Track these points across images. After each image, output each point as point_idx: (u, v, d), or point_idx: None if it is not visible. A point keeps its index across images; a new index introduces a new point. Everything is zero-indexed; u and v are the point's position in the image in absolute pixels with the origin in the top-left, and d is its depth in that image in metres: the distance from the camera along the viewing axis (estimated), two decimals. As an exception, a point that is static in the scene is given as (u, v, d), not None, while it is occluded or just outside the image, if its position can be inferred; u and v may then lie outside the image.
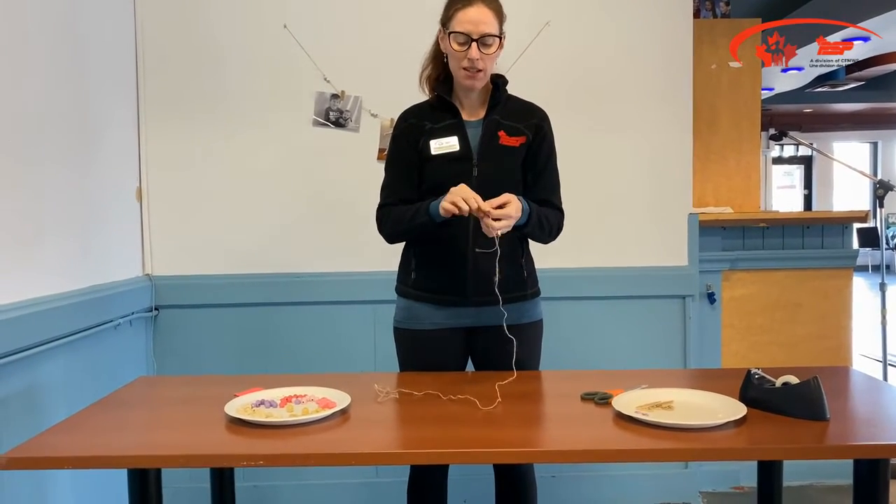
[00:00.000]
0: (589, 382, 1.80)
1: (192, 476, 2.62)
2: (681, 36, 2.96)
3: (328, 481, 2.91)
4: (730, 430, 1.46)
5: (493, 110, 1.99)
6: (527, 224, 1.89)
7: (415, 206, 1.94)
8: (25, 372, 2.07)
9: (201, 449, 1.43)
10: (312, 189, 2.91)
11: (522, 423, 1.58)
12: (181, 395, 1.84)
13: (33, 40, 2.16)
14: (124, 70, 2.79)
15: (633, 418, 1.50)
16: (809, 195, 13.78)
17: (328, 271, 2.91)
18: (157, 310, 2.88)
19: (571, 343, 2.91)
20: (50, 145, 2.23)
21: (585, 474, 2.99)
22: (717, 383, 1.72)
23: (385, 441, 1.54)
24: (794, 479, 3.05)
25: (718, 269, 3.16)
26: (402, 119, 2.06)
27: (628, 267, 2.98)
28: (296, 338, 2.92)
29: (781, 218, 3.28)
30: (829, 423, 1.48)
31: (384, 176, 2.06)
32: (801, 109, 11.73)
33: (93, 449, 1.43)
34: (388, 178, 2.06)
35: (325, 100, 2.89)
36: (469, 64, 1.90)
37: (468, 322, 2.01)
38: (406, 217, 1.95)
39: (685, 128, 2.98)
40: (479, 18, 1.87)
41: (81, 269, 2.40)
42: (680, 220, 3.00)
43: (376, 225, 2.05)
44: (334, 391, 1.69)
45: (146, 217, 2.88)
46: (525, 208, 1.86)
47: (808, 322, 3.19)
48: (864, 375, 1.95)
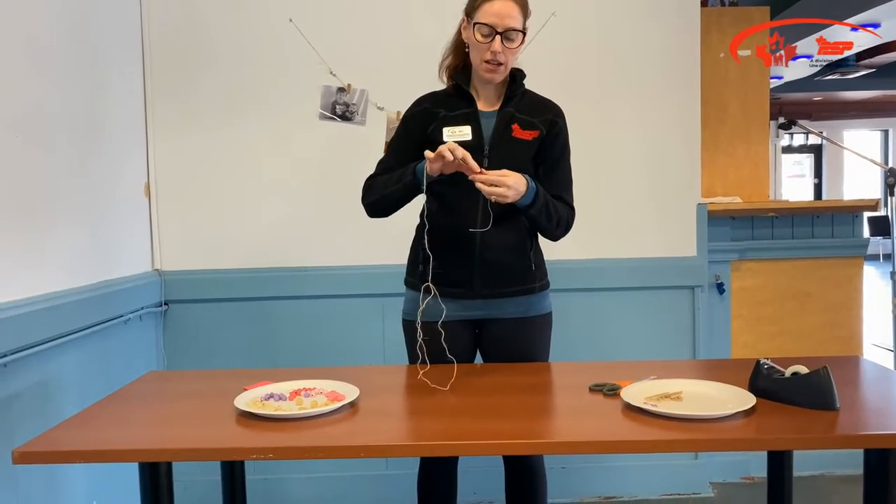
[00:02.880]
0: (597, 374, 1.79)
1: (204, 469, 2.64)
2: (688, 25, 2.94)
3: (338, 474, 2.92)
4: (739, 421, 1.45)
5: (509, 103, 1.99)
6: (533, 204, 1.87)
7: (400, 170, 1.93)
8: (36, 368, 2.08)
9: (211, 442, 1.44)
10: (320, 183, 2.91)
11: (531, 415, 1.58)
12: (191, 389, 1.85)
13: (44, 41, 2.17)
14: (131, 67, 2.79)
15: (642, 409, 1.50)
16: (820, 184, 13.69)
17: (336, 265, 2.92)
18: (167, 305, 2.89)
19: (580, 335, 2.91)
20: (59, 143, 2.24)
21: (595, 465, 2.99)
22: (726, 374, 1.72)
23: (394, 433, 1.54)
24: (804, 469, 3.04)
25: (727, 260, 3.14)
26: (416, 103, 2.05)
27: (637, 258, 2.97)
28: (304, 331, 2.93)
29: (791, 207, 3.26)
30: (839, 412, 1.48)
31: (384, 153, 2.06)
32: (810, 98, 11.64)
33: (104, 443, 1.44)
34: (387, 154, 2.06)
35: (332, 93, 2.88)
36: (491, 57, 1.89)
37: (476, 314, 2.01)
38: (392, 179, 1.94)
39: (693, 117, 2.97)
40: (505, 12, 1.86)
41: (91, 264, 2.41)
42: (688, 211, 2.99)
43: (361, 196, 2.03)
44: (343, 384, 1.70)
45: (154, 213, 2.89)
46: (532, 187, 1.85)
47: (818, 312, 3.18)
48: (875, 365, 1.93)
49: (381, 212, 2.03)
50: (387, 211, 2.02)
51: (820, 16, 5.07)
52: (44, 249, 2.14)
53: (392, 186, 1.94)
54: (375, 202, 2.00)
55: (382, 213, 2.03)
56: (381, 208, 2.01)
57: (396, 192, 1.94)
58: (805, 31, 3.79)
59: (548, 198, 1.91)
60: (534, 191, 1.86)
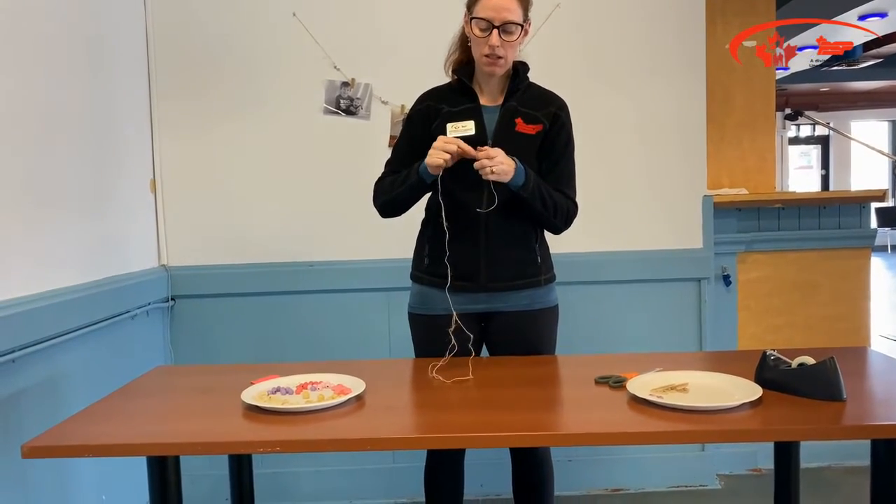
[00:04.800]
0: (603, 366, 1.80)
1: (212, 463, 2.65)
2: (693, 15, 2.93)
3: (346, 467, 2.93)
4: (745, 412, 1.45)
5: (512, 97, 1.99)
6: (525, 186, 1.87)
7: (405, 171, 1.96)
8: (45, 363, 2.09)
9: (219, 436, 1.45)
10: (325, 177, 2.91)
11: (537, 407, 1.59)
12: (198, 383, 1.85)
13: (51, 39, 2.18)
14: (136, 63, 2.80)
15: (648, 401, 1.50)
16: (827, 175, 13.64)
17: (342, 259, 2.92)
18: (174, 300, 2.90)
19: (586, 327, 2.91)
20: (66, 140, 2.25)
21: (602, 458, 2.99)
22: (732, 365, 1.71)
23: (400, 426, 1.55)
24: (811, 460, 3.04)
25: (734, 251, 3.13)
26: (419, 101, 2.06)
27: (643, 250, 2.96)
28: (311, 325, 2.93)
29: (797, 198, 3.24)
30: (845, 403, 1.47)
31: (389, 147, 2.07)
32: (817, 88, 11.58)
33: (112, 437, 1.45)
34: (393, 154, 2.07)
35: (336, 88, 2.88)
36: (490, 51, 1.89)
37: (482, 308, 2.02)
38: (398, 181, 1.97)
39: (699, 109, 2.96)
40: (502, 5, 1.86)
41: (98, 261, 2.42)
42: (694, 203, 2.98)
43: (372, 198, 2.05)
44: (349, 377, 1.70)
45: (160, 208, 2.90)
46: (519, 167, 1.85)
47: (825, 303, 3.16)
48: (882, 356, 1.93)
49: (392, 212, 2.05)
50: (398, 212, 2.05)
51: (824, 4, 5.03)
52: (51, 246, 2.15)
53: (398, 188, 1.96)
54: (385, 204, 2.03)
55: (394, 214, 2.06)
56: (392, 209, 2.04)
57: (403, 192, 1.96)
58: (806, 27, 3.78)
59: (540, 182, 1.92)
60: (522, 170, 1.87)
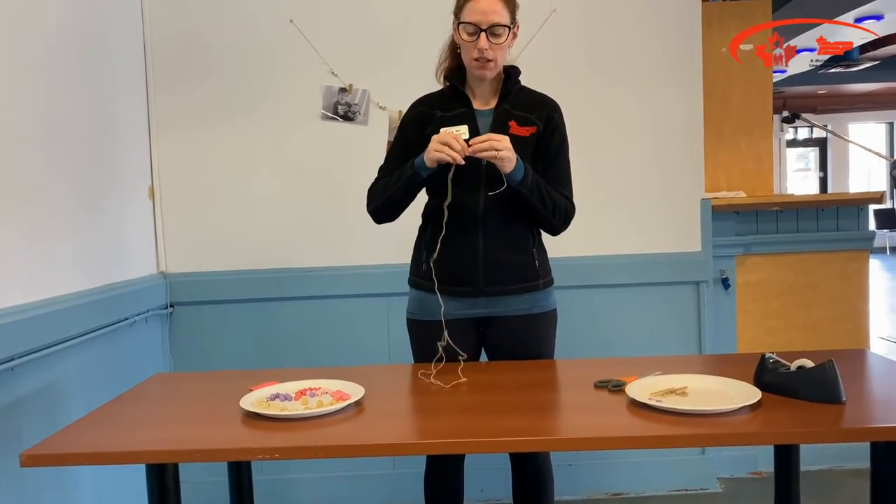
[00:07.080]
0: (602, 370, 1.79)
1: (211, 470, 2.64)
2: (690, 19, 2.93)
3: (345, 474, 2.93)
4: (744, 415, 1.45)
5: (505, 100, 1.99)
6: (524, 181, 1.87)
7: (399, 170, 1.96)
8: (43, 371, 2.09)
9: (217, 443, 1.45)
10: (323, 183, 2.91)
11: (537, 412, 1.58)
12: (197, 390, 1.85)
13: (47, 44, 2.18)
14: (134, 70, 2.80)
15: (648, 405, 1.50)
16: (825, 178, 13.65)
17: (341, 265, 2.92)
18: (172, 307, 2.90)
19: (585, 331, 2.91)
20: (63, 147, 2.25)
21: (602, 462, 2.99)
22: (732, 368, 1.71)
23: (400, 432, 1.54)
24: (811, 463, 3.04)
25: (732, 254, 3.14)
26: (412, 107, 2.06)
27: (641, 254, 2.96)
28: (309, 332, 2.93)
29: (795, 201, 3.25)
30: (845, 405, 1.47)
31: (384, 159, 2.08)
32: (814, 91, 11.61)
33: (111, 445, 1.44)
34: (387, 160, 2.07)
35: (333, 94, 2.89)
36: (479, 54, 1.89)
37: (480, 312, 2.01)
38: (392, 180, 1.96)
39: (696, 112, 2.96)
40: (488, 8, 1.87)
41: (96, 267, 2.42)
42: (692, 206, 2.98)
43: (366, 203, 2.05)
44: (348, 383, 1.70)
45: (159, 215, 2.90)
46: (519, 162, 1.85)
47: (824, 305, 3.16)
48: (882, 358, 1.92)
49: (386, 216, 2.04)
50: (392, 214, 2.03)
51: (822, 7, 5.05)
52: (49, 253, 2.15)
53: (392, 187, 1.96)
54: (379, 206, 2.02)
55: (388, 218, 2.05)
56: (385, 212, 2.03)
57: (398, 190, 1.95)
58: (805, 28, 3.79)
59: (539, 179, 1.92)
60: (522, 165, 1.87)
